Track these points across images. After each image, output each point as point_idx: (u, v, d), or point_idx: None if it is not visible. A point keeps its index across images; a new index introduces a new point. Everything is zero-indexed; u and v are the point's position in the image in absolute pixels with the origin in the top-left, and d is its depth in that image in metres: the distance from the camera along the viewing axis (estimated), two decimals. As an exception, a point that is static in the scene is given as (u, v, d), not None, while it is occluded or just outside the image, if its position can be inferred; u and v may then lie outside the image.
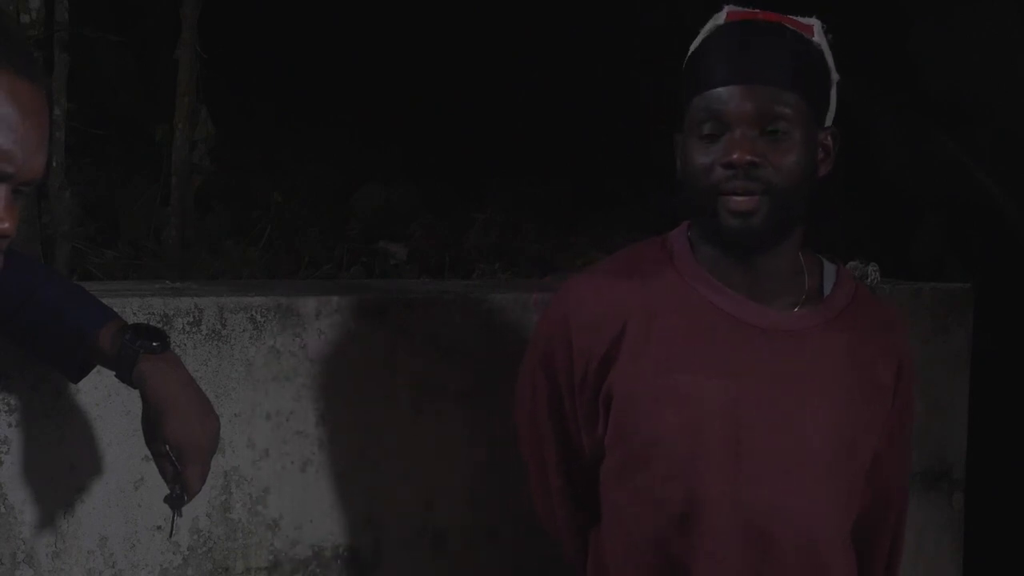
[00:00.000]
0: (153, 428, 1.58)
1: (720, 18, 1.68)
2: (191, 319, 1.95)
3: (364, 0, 8.80)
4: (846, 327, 1.70)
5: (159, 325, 1.88)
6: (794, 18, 1.68)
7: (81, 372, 1.68)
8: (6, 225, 1.27)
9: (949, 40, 4.82)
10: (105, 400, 1.87)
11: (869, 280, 2.57)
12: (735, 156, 1.58)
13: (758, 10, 1.69)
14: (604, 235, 6.45)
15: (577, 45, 8.46)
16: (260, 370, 2.03)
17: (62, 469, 1.85)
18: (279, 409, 2.05)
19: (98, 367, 1.71)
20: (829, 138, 1.68)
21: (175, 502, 1.60)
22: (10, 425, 1.81)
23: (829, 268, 1.77)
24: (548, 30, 8.66)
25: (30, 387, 1.82)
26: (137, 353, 1.57)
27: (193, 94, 5.39)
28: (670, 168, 1.71)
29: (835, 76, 1.69)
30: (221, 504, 1.99)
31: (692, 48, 1.70)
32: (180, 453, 1.57)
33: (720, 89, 1.61)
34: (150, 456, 1.91)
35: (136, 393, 1.81)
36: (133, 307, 1.89)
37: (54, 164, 4.43)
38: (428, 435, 2.19)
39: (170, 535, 1.73)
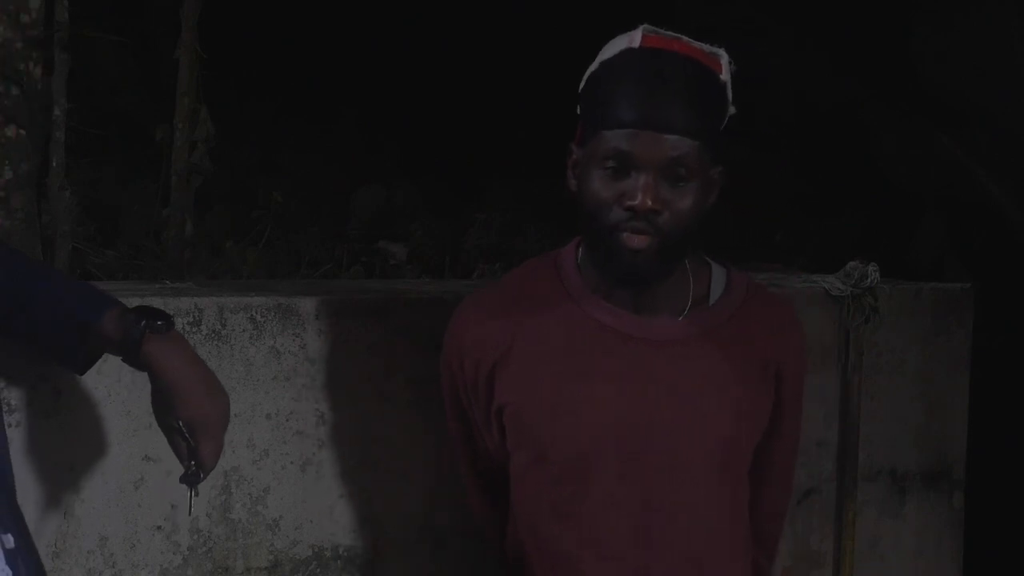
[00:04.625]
0: (164, 406, 1.59)
1: (635, 40, 1.68)
2: (191, 319, 1.95)
3: (364, 1, 8.79)
4: (730, 334, 1.76)
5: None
6: (704, 49, 1.68)
7: (86, 363, 1.69)
8: None
9: (949, 40, 4.82)
10: (105, 400, 1.87)
11: (869, 280, 2.57)
12: (637, 202, 1.63)
13: (671, 36, 1.68)
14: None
15: (577, 45, 8.45)
16: (260, 370, 2.03)
17: (62, 469, 1.85)
18: (279, 409, 2.05)
19: (98, 364, 1.72)
20: (718, 175, 1.72)
21: (191, 479, 1.60)
22: (10, 425, 1.80)
23: (718, 273, 1.81)
24: (548, 29, 8.65)
25: (30, 387, 1.82)
26: (142, 334, 1.58)
27: (193, 94, 5.40)
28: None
29: (731, 111, 1.71)
30: (221, 504, 1.99)
31: (600, 63, 1.70)
32: (192, 429, 1.57)
33: (631, 131, 1.63)
34: (150, 456, 1.91)
35: (136, 393, 1.81)
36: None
37: (54, 164, 4.44)
38: (428, 435, 2.19)
39: (189, 512, 1.75)
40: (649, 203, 1.62)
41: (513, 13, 8.59)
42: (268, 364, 2.03)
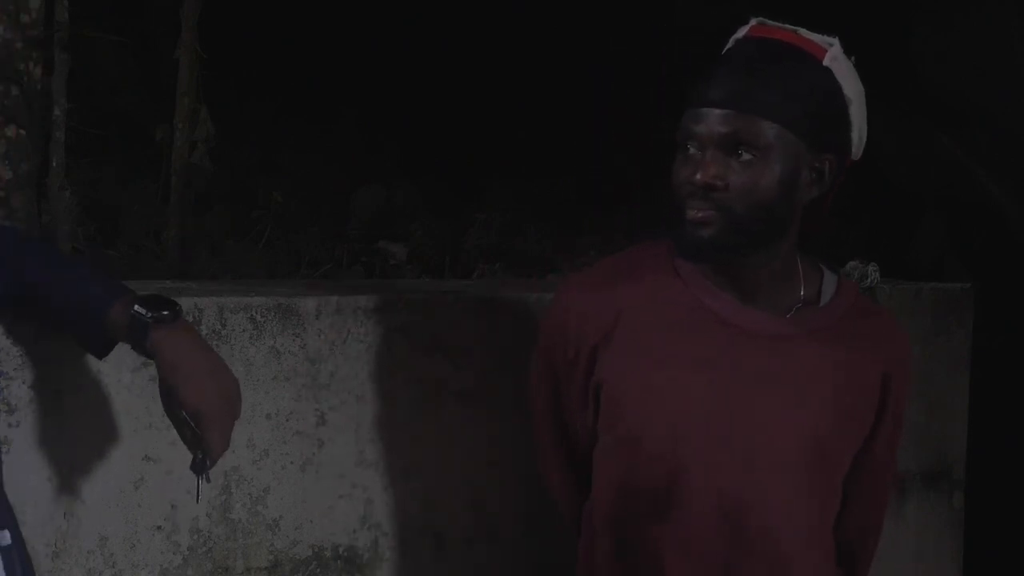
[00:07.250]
0: (169, 395, 1.60)
1: (743, 31, 1.73)
2: (191, 319, 1.95)
3: (364, 1, 8.79)
4: (837, 336, 1.75)
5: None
6: (810, 37, 1.71)
7: (105, 348, 1.71)
8: None
9: (949, 40, 4.82)
10: (105, 400, 1.87)
11: (869, 280, 2.57)
12: (697, 176, 1.66)
13: (780, 27, 1.71)
14: (607, 236, 6.45)
15: (579, 44, 8.45)
16: (260, 370, 2.03)
17: (62, 469, 1.85)
18: (279, 409, 2.05)
19: (98, 364, 1.72)
20: (826, 164, 1.71)
21: (199, 467, 1.60)
22: (10, 425, 1.81)
23: (830, 277, 1.82)
24: (549, 30, 8.65)
25: (30, 387, 1.82)
26: (148, 323, 1.59)
27: (193, 94, 5.40)
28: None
29: (851, 99, 1.71)
30: (221, 504, 1.99)
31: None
32: (197, 417, 1.57)
33: (701, 109, 1.67)
34: (150, 456, 1.91)
35: (136, 393, 1.81)
36: (133, 307, 1.88)
37: (54, 164, 4.43)
38: (428, 435, 2.19)
39: (196, 500, 1.74)
40: (699, 177, 1.65)
41: (513, 13, 8.59)
42: (268, 364, 2.03)
